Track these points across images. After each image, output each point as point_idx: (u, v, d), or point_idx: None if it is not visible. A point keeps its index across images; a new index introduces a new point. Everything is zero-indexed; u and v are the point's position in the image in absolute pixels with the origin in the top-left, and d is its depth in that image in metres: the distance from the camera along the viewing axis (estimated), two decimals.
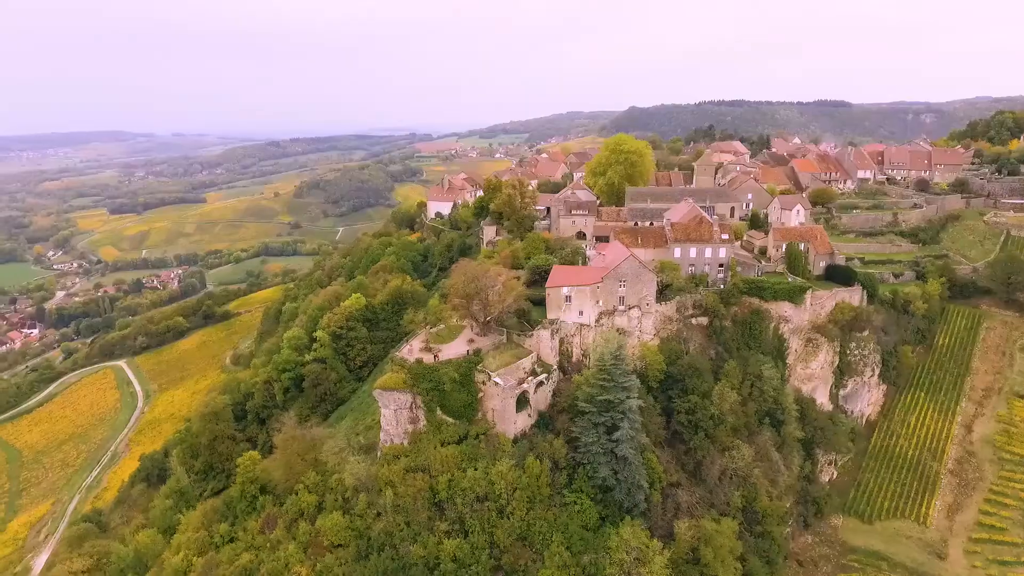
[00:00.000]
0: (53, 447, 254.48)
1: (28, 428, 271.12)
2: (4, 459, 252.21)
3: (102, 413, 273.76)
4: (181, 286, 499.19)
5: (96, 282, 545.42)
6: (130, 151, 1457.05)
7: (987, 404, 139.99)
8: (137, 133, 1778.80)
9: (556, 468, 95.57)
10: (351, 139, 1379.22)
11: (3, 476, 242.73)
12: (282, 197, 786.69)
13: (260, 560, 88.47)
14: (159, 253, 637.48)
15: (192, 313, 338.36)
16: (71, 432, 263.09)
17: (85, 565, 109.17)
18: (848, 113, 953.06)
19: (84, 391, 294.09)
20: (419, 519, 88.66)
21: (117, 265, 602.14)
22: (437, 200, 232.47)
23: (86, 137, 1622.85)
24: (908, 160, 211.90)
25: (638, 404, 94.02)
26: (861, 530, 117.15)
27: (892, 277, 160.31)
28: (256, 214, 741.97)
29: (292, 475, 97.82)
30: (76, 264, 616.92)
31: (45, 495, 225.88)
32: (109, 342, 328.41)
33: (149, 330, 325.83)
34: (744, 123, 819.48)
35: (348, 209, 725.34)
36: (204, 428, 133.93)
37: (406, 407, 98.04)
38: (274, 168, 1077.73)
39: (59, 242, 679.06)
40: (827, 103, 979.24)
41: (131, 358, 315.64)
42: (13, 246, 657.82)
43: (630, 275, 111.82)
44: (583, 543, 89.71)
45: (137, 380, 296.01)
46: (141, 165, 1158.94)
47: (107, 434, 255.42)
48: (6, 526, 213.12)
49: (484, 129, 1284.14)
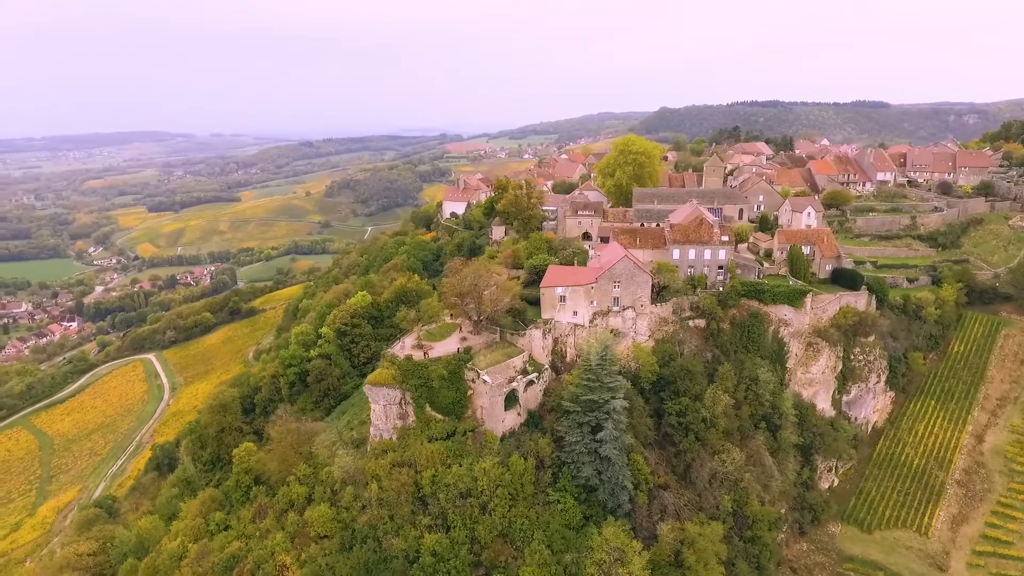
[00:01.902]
0: (83, 436, 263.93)
1: (61, 417, 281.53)
2: (37, 446, 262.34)
3: (130, 404, 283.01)
4: (213, 282, 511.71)
5: (133, 278, 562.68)
6: (170, 151, 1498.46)
7: (1001, 414, 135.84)
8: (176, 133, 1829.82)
9: (541, 467, 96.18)
10: (383, 139, 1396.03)
11: (35, 463, 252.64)
12: (313, 196, 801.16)
13: (248, 548, 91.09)
14: (194, 250, 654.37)
15: (219, 309, 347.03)
16: (100, 422, 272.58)
17: (91, 548, 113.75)
18: (886, 114, 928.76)
19: (114, 383, 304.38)
20: (402, 513, 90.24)
21: (153, 261, 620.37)
22: (452, 200, 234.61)
23: (129, 137, 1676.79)
24: (931, 162, 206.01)
25: (623, 405, 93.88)
26: (859, 539, 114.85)
27: (906, 282, 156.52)
28: (288, 213, 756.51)
29: (285, 467, 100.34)
30: (115, 260, 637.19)
31: (73, 481, 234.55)
32: (140, 336, 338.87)
33: (178, 325, 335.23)
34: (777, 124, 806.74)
35: (377, 209, 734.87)
36: (212, 420, 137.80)
37: (395, 403, 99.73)
38: (307, 168, 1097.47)
39: (100, 239, 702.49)
40: (864, 104, 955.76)
41: (160, 352, 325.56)
42: (57, 242, 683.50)
43: (624, 276, 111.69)
44: (564, 542, 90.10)
45: (164, 373, 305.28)
46: (180, 164, 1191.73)
47: (133, 424, 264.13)
48: (36, 510, 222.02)
49: (514, 130, 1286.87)
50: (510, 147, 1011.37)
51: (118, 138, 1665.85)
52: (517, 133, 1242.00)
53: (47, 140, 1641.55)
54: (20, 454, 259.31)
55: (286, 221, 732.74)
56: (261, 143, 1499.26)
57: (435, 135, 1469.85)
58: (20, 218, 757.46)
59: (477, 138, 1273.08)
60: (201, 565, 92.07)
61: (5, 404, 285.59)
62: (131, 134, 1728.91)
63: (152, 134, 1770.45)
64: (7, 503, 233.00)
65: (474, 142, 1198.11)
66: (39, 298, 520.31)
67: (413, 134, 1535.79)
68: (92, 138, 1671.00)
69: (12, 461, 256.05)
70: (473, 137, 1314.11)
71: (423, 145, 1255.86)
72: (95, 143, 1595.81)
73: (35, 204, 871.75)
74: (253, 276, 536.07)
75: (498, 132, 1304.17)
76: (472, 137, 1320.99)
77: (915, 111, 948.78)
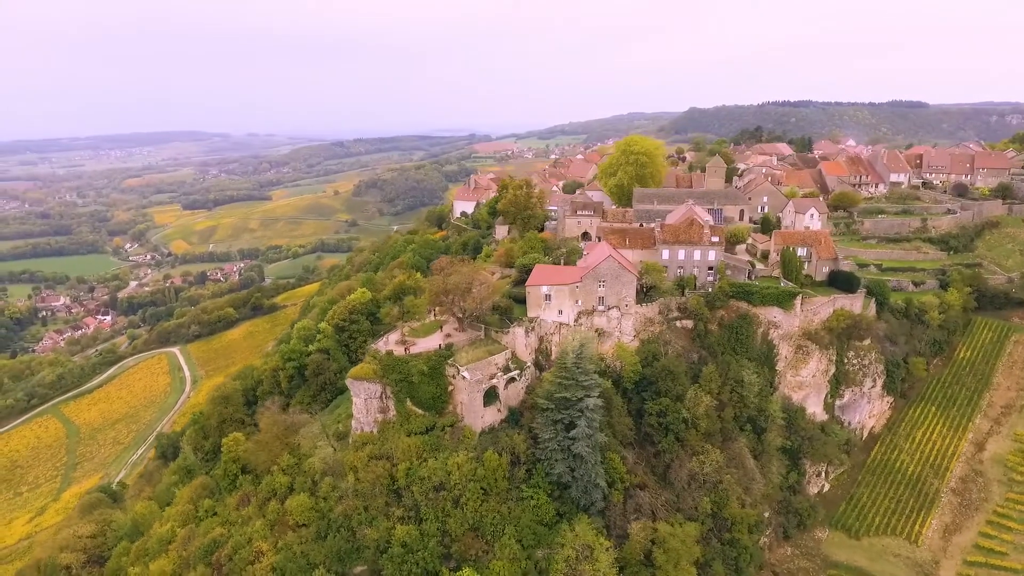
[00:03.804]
0: (108, 425, 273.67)
1: (88, 407, 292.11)
2: (64, 434, 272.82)
3: (153, 396, 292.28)
4: (241, 279, 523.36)
5: (165, 273, 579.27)
6: (207, 150, 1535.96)
7: (1005, 422, 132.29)
8: (213, 133, 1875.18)
9: (517, 463, 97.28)
10: (413, 139, 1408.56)
11: (62, 450, 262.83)
12: (341, 195, 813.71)
13: (230, 534, 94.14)
14: (225, 247, 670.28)
15: (242, 304, 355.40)
16: (124, 412, 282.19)
17: (90, 531, 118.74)
18: (924, 114, 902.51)
19: (139, 375, 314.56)
20: (377, 504, 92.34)
21: (186, 258, 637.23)
22: (462, 199, 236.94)
23: (168, 137, 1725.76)
24: (948, 163, 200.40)
25: (597, 403, 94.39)
26: (846, 545, 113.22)
27: (912, 285, 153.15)
28: (316, 211, 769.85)
29: (270, 457, 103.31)
30: (149, 256, 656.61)
31: (96, 469, 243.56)
32: (165, 330, 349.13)
33: (202, 319, 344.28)
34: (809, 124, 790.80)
35: (403, 208, 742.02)
36: (214, 411, 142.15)
37: (376, 396, 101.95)
38: (337, 167, 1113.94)
39: (136, 235, 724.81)
40: (901, 104, 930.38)
41: (184, 345, 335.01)
42: (96, 238, 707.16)
43: (609, 276, 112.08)
44: (535, 537, 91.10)
45: (187, 366, 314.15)
46: (215, 164, 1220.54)
47: (155, 416, 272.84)
48: (60, 495, 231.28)
49: (543, 130, 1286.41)
50: (537, 147, 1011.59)
51: (158, 138, 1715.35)
52: (545, 133, 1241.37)
53: (91, 139, 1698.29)
54: (49, 441, 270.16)
55: (314, 219, 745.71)
56: (295, 143, 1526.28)
57: (464, 135, 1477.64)
58: (62, 215, 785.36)
59: (505, 138, 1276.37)
60: (186, 549, 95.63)
61: (37, 393, 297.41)
62: (170, 134, 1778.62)
63: (190, 134, 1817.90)
64: (35, 488, 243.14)
65: (502, 142, 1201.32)
66: (76, 292, 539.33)
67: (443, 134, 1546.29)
68: (133, 137, 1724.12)
69: (41, 448, 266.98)
70: (501, 137, 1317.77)
71: (452, 145, 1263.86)
72: (136, 142, 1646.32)
73: (77, 201, 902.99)
74: (280, 273, 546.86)
75: (526, 132, 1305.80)
76: (500, 137, 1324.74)
77: (955, 111, 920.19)
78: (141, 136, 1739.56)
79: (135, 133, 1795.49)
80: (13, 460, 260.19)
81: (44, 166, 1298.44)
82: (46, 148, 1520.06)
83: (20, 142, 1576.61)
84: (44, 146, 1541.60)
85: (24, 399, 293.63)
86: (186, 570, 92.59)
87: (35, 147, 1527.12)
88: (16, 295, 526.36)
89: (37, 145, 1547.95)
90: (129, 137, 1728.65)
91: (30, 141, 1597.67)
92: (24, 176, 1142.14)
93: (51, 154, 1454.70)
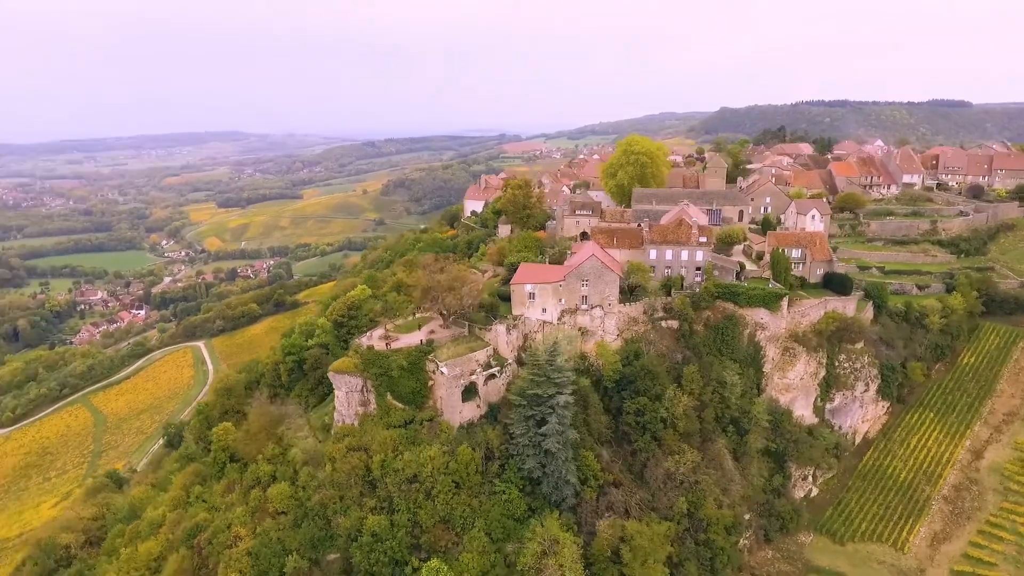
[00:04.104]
0: (133, 416, 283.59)
1: (115, 397, 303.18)
2: (92, 423, 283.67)
3: (177, 388, 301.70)
4: (269, 276, 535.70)
5: (198, 270, 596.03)
6: (244, 150, 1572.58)
7: (1006, 430, 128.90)
8: (251, 133, 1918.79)
9: (491, 457, 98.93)
10: (443, 139, 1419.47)
11: (89, 438, 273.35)
12: (370, 195, 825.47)
13: (212, 519, 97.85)
14: (256, 245, 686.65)
15: (265, 301, 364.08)
16: (149, 403, 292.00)
17: (92, 513, 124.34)
18: (966, 114, 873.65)
19: (165, 367, 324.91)
20: (352, 494, 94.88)
21: (218, 255, 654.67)
22: (473, 199, 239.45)
23: (206, 137, 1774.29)
24: (965, 164, 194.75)
25: (568, 400, 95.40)
26: (830, 550, 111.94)
27: (915, 289, 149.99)
28: (345, 210, 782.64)
29: (256, 446, 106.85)
30: (184, 252, 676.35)
31: (120, 457, 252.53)
32: (192, 324, 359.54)
33: (227, 314, 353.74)
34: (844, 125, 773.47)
35: (429, 207, 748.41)
36: (217, 402, 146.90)
37: (357, 390, 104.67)
38: (368, 167, 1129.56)
39: (171, 232, 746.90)
40: (942, 103, 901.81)
41: (208, 339, 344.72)
42: (134, 235, 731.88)
43: (592, 275, 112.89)
44: (504, 531, 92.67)
45: (211, 360, 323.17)
46: (251, 163, 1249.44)
47: (178, 407, 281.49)
48: (85, 482, 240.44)
49: (573, 130, 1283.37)
50: (566, 147, 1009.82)
51: (197, 137, 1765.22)
52: (575, 133, 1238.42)
53: (134, 139, 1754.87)
54: (78, 429, 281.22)
55: (343, 218, 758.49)
56: (329, 143, 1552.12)
57: (494, 135, 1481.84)
58: (104, 212, 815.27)
59: (535, 138, 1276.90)
60: (173, 533, 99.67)
61: (68, 383, 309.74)
62: (209, 134, 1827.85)
63: (229, 134, 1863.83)
64: (62, 474, 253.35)
65: (531, 142, 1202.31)
66: (113, 287, 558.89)
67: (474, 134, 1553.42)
68: (174, 137, 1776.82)
69: (70, 436, 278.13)
70: (531, 137, 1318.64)
71: (481, 145, 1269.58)
72: (176, 142, 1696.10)
73: (118, 199, 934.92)
74: (308, 270, 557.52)
75: (556, 132, 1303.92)
76: (530, 137, 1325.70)
77: (999, 111, 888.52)
78: (182, 136, 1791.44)
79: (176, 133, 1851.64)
80: (44, 447, 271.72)
81: (89, 165, 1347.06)
82: (92, 147, 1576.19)
83: (68, 142, 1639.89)
84: (90, 145, 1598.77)
85: (56, 388, 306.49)
86: (170, 551, 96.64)
87: (81, 147, 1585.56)
88: (57, 289, 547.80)
89: (83, 145, 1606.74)
90: (170, 137, 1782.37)
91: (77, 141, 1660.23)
92: (70, 174, 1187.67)
93: (96, 153, 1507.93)
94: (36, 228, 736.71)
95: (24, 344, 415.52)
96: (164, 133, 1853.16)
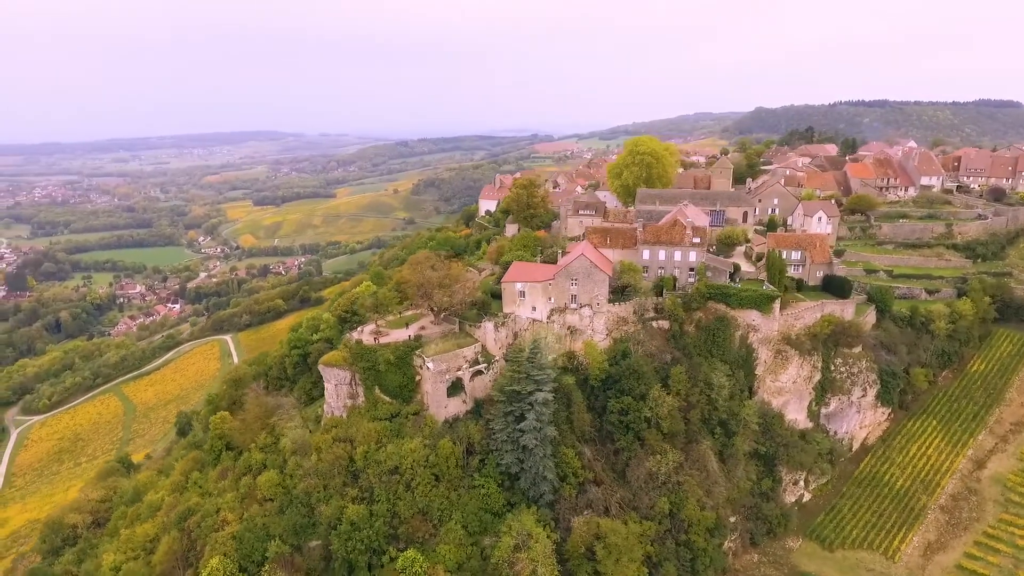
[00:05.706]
0: (160, 405, 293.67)
1: (145, 387, 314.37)
2: (123, 411, 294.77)
3: (202, 380, 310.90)
4: (299, 273, 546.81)
5: (232, 266, 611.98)
6: (281, 149, 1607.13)
7: (1013, 440, 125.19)
8: (288, 133, 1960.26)
9: (472, 452, 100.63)
10: (475, 139, 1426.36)
11: (119, 426, 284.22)
12: (401, 194, 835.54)
13: (203, 504, 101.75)
14: (288, 242, 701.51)
15: (291, 297, 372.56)
16: (176, 394, 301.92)
17: (100, 495, 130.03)
18: (1014, 114, 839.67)
19: (193, 359, 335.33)
20: (335, 484, 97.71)
21: (252, 252, 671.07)
22: (487, 198, 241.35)
23: (245, 136, 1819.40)
24: (988, 166, 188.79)
25: (546, 398, 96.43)
26: (818, 556, 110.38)
27: (925, 293, 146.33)
28: (376, 209, 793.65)
29: (250, 435, 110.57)
30: (219, 249, 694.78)
31: (146, 445, 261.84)
32: (220, 318, 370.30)
33: (254, 309, 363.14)
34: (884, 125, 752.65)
35: (459, 206, 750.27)
36: (226, 393, 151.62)
37: (345, 383, 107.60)
38: (401, 167, 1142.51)
39: (209, 229, 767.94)
40: (988, 103, 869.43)
41: (235, 333, 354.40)
42: (173, 231, 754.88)
43: (581, 274, 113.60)
44: (481, 525, 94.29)
45: (236, 353, 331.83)
46: (287, 162, 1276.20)
47: (201, 398, 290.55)
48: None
49: (605, 131, 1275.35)
50: (597, 148, 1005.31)
51: (237, 137, 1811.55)
52: (607, 134, 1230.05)
53: (176, 138, 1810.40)
54: (109, 417, 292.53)
55: (374, 217, 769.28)
56: (363, 142, 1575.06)
57: (526, 135, 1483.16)
58: (145, 209, 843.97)
59: (567, 139, 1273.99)
60: (168, 516, 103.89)
61: (102, 373, 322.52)
62: (248, 133, 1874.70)
63: (267, 133, 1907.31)
64: (92, 460, 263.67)
65: (563, 142, 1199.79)
66: (152, 281, 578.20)
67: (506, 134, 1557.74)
68: (215, 136, 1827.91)
69: (102, 423, 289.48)
70: (563, 138, 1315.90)
71: (513, 145, 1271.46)
72: (216, 141, 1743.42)
73: (159, 196, 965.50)
74: (337, 268, 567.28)
75: (588, 133, 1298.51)
76: (562, 138, 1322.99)
77: None
78: (222, 135, 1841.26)
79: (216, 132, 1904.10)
80: (77, 433, 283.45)
81: (134, 163, 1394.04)
82: (136, 147, 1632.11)
83: (114, 140, 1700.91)
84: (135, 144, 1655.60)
85: (91, 377, 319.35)
86: (164, 533, 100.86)
87: (127, 145, 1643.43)
88: (99, 282, 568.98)
89: (129, 143, 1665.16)
90: (211, 136, 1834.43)
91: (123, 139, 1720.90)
92: (115, 172, 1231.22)
93: (141, 152, 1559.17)
94: (82, 224, 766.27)
95: (66, 335, 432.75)
96: (205, 133, 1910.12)
